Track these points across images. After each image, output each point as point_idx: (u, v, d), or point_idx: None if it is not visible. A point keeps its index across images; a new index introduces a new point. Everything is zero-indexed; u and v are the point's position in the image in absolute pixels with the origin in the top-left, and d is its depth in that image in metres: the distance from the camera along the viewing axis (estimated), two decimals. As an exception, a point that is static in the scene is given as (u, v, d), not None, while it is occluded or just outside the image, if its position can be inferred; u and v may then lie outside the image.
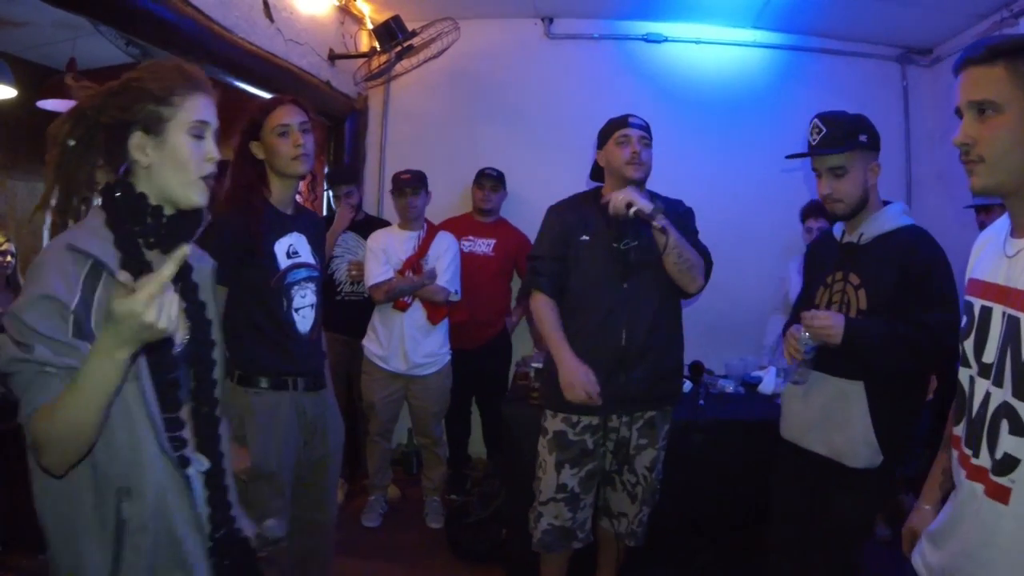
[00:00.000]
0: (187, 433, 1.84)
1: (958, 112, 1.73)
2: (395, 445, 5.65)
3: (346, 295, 5.13)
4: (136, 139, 1.81)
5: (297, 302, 3.05)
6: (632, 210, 3.12)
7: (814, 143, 2.91)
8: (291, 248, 3.07)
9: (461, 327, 5.10)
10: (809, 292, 3.11)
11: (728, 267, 5.67)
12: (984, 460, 1.69)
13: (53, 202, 1.81)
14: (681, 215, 3.45)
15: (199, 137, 1.86)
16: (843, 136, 2.85)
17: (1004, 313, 1.67)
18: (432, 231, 4.99)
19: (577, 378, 3.23)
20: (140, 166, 1.82)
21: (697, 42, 6.23)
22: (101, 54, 5.00)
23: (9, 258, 4.46)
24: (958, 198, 5.21)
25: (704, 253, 3.35)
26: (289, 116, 3.03)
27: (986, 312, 1.74)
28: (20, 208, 6.55)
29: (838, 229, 3.07)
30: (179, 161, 1.83)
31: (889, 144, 6.06)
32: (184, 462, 1.80)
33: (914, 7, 5.40)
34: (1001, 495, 1.62)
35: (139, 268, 1.74)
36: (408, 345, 4.77)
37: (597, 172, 3.54)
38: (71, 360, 1.58)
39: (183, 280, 1.91)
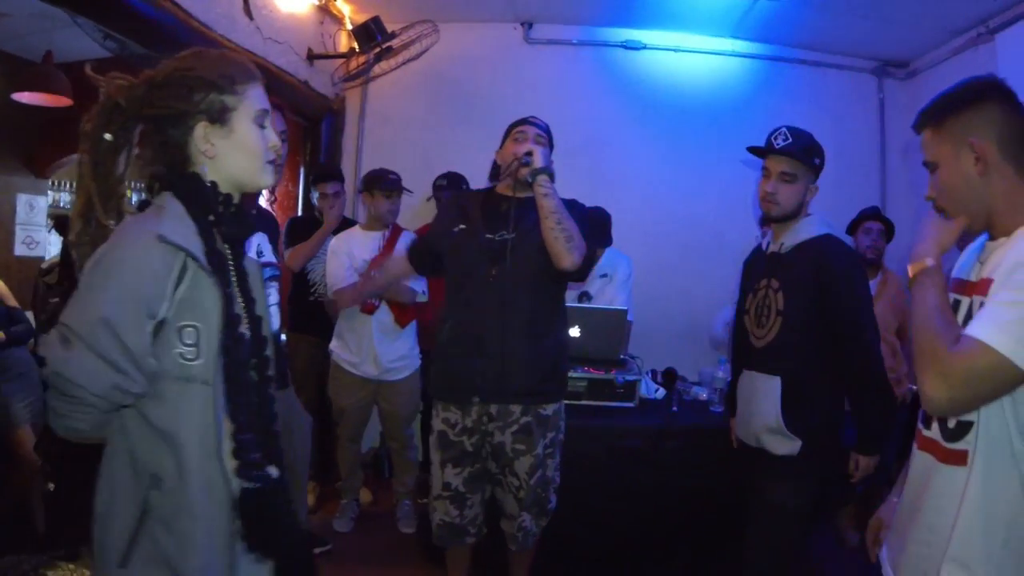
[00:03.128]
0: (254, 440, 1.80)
1: None
2: (366, 448, 5.63)
3: (319, 296, 5.06)
4: (200, 130, 1.79)
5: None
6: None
7: (778, 145, 3.17)
8: (257, 248, 3.05)
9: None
10: (741, 299, 3.45)
11: (702, 273, 5.72)
12: (935, 432, 1.88)
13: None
14: (576, 209, 3.41)
15: (262, 125, 1.89)
16: (805, 150, 3.15)
17: (971, 302, 1.88)
18: (396, 231, 4.92)
19: None
20: (204, 156, 1.81)
21: (676, 50, 6.26)
22: (78, 47, 4.97)
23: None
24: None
25: (588, 241, 3.31)
26: (272, 124, 3.01)
27: (955, 304, 1.94)
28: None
29: (765, 242, 3.39)
30: (248, 149, 1.86)
31: (865, 156, 6.19)
32: (253, 467, 1.76)
33: (891, 21, 5.46)
34: (957, 459, 1.79)
35: (219, 259, 1.75)
36: (378, 349, 4.71)
37: (495, 174, 3.61)
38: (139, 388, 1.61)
39: (238, 273, 1.88)
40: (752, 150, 3.28)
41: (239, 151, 1.84)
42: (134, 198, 1.84)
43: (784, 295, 3.12)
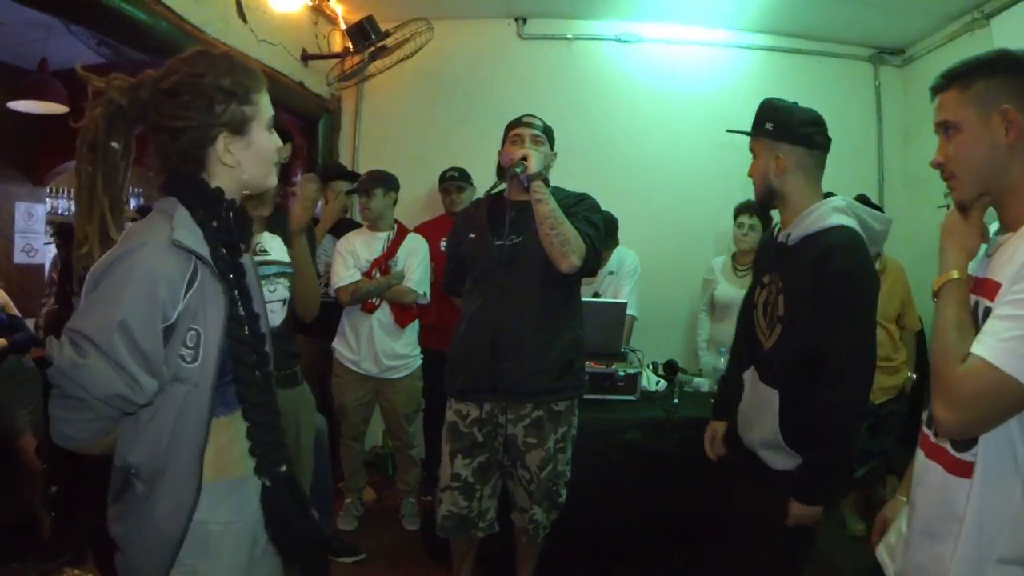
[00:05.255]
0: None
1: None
2: (369, 447, 5.64)
3: (320, 296, 5.04)
4: (222, 141, 1.78)
5: (265, 296, 3.06)
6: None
7: None
8: (259, 246, 3.09)
9: (441, 328, 5.03)
10: (752, 291, 3.05)
11: (702, 265, 5.71)
12: (944, 440, 1.78)
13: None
14: (572, 205, 3.46)
15: (271, 130, 1.90)
16: (757, 121, 2.86)
17: (977, 302, 1.76)
18: (402, 232, 4.96)
19: None
20: (223, 164, 1.81)
21: (671, 42, 6.26)
22: (73, 54, 4.98)
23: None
24: (930, 198, 5.24)
25: (588, 239, 3.32)
26: None
27: (974, 305, 1.80)
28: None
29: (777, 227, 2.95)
30: (264, 157, 1.88)
31: (861, 143, 6.17)
32: (272, 464, 1.81)
33: (886, 8, 5.44)
34: (963, 470, 1.70)
35: (224, 264, 1.77)
36: (378, 347, 4.75)
37: (501, 173, 3.57)
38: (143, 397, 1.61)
39: (235, 273, 1.89)
40: (732, 132, 3.03)
41: (256, 159, 1.85)
42: (132, 203, 1.84)
43: (785, 298, 2.71)
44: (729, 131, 2.99)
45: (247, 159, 1.83)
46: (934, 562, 1.77)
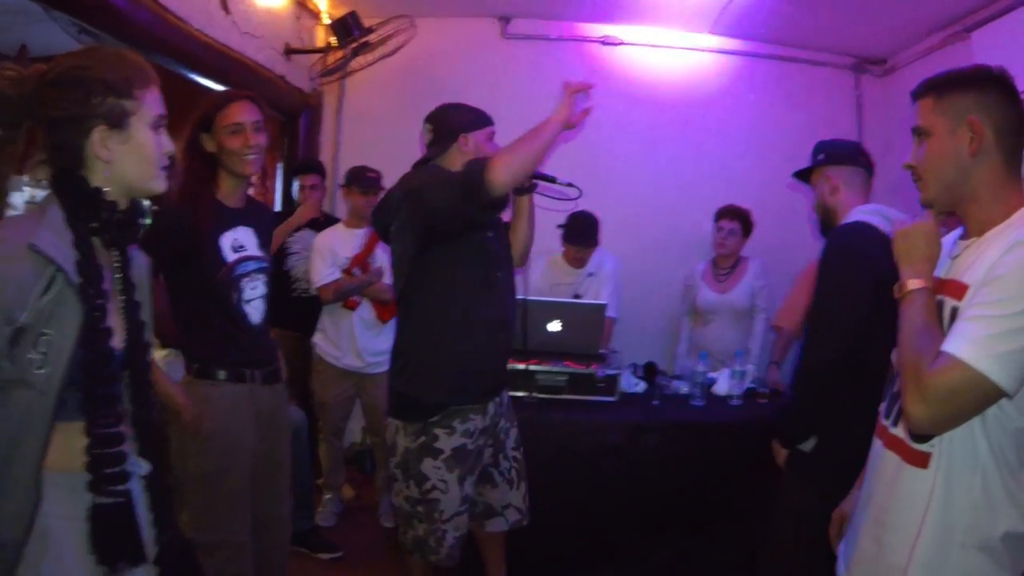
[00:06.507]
0: (127, 445, 1.78)
1: None
2: (348, 444, 5.62)
3: (301, 292, 5.05)
4: (98, 134, 1.75)
5: (247, 294, 3.04)
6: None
7: None
8: (236, 242, 3.04)
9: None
10: None
11: (681, 267, 5.72)
12: (901, 431, 1.89)
13: None
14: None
15: (158, 130, 1.85)
16: (812, 157, 3.17)
17: (942, 302, 1.87)
18: None
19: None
20: (100, 160, 1.77)
21: (655, 46, 6.27)
22: (53, 41, 4.92)
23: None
24: (909, 206, 5.28)
25: None
26: (243, 114, 2.98)
27: (939, 305, 1.90)
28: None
29: None
30: (144, 156, 1.82)
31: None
32: (108, 481, 1.71)
33: (868, 18, 5.49)
34: (920, 460, 1.81)
35: (94, 273, 1.71)
36: (360, 343, 4.76)
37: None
38: None
39: (123, 276, 1.86)
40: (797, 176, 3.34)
41: (136, 157, 1.82)
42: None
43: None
44: (794, 176, 3.31)
45: (124, 156, 1.80)
46: (880, 548, 1.89)
